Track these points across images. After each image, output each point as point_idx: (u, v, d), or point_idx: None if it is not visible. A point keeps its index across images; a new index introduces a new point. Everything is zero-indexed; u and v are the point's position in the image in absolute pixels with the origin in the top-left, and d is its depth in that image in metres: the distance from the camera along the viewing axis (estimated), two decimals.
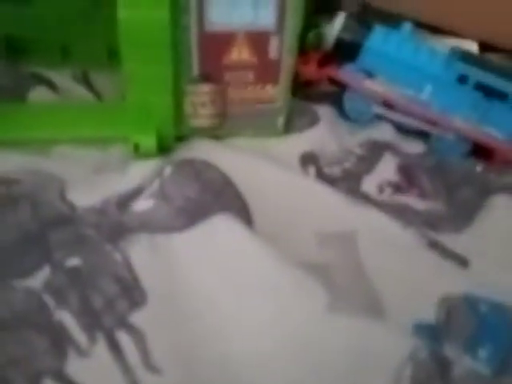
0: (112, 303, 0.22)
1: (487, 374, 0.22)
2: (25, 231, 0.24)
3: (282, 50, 0.31)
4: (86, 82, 0.37)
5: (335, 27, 0.34)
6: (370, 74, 0.35)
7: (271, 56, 0.32)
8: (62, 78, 0.37)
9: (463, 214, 0.32)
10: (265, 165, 0.32)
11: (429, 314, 0.25)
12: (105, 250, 0.24)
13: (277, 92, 0.33)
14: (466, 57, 0.34)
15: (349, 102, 0.37)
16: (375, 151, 0.36)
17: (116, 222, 0.26)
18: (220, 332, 0.22)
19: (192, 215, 0.26)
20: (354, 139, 0.36)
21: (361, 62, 0.35)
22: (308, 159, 0.34)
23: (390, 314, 0.25)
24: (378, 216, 0.30)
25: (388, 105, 0.36)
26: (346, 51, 0.35)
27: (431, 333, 0.24)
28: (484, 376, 0.22)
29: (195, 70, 0.31)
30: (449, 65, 0.34)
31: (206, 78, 0.31)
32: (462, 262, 0.28)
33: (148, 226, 0.26)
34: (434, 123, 0.36)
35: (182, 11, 0.28)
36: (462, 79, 0.34)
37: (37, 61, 0.38)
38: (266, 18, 0.30)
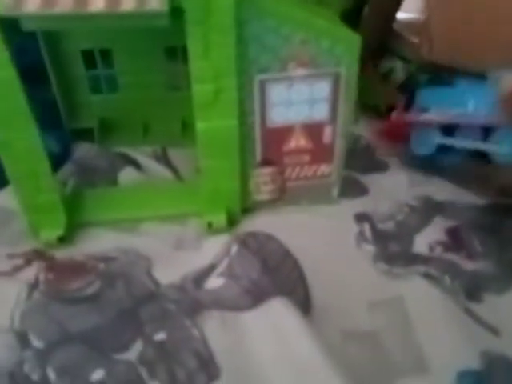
0: (193, 376, 0.26)
1: None
2: (121, 307, 0.30)
3: (335, 135, 0.35)
4: (165, 158, 0.43)
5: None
6: (424, 110, 0.41)
7: (325, 141, 0.35)
8: (145, 157, 0.43)
9: (509, 274, 0.34)
10: (321, 233, 0.36)
11: (472, 365, 0.28)
12: (185, 326, 0.29)
13: (330, 169, 0.37)
14: None
15: (414, 138, 0.42)
16: (428, 210, 0.39)
17: (193, 298, 0.30)
18: None
19: (254, 297, 0.30)
20: (411, 192, 0.40)
21: (416, 103, 0.41)
22: (362, 217, 0.38)
23: (435, 368, 0.28)
24: (421, 283, 0.33)
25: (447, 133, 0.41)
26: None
27: (476, 379, 0.27)
28: None
29: (258, 157, 0.35)
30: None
31: (267, 162, 0.36)
32: (494, 331, 0.30)
33: (219, 303, 0.30)
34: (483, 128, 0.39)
35: (247, 114, 0.32)
36: None
37: (123, 140, 0.44)
38: (321, 112, 0.34)
